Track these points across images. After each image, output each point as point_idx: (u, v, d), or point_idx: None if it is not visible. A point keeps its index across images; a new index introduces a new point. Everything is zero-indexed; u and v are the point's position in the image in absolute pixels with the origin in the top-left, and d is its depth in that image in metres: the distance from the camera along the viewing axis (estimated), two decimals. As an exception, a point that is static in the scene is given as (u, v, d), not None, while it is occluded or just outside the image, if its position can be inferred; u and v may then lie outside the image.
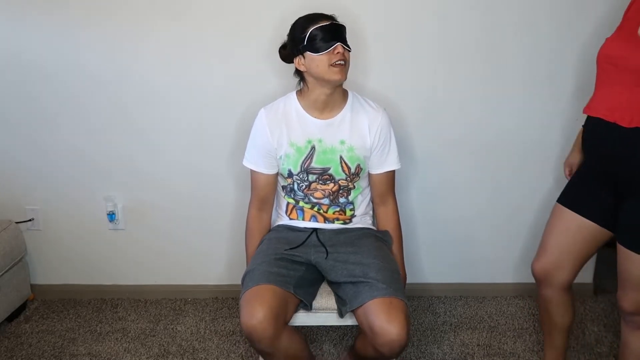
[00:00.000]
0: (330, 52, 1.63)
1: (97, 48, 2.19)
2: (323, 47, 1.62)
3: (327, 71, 1.64)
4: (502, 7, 2.09)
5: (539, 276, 1.75)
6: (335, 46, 1.62)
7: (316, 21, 1.64)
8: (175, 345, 2.19)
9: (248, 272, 1.66)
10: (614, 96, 1.49)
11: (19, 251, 2.34)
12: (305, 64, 1.67)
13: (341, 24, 1.67)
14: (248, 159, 1.82)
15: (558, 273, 1.71)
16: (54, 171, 2.36)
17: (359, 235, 1.79)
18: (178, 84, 2.22)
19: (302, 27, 1.66)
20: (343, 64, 1.65)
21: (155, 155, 2.33)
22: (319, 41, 1.62)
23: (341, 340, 2.20)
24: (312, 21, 1.65)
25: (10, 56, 2.21)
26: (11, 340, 2.23)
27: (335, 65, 1.63)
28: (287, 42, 1.74)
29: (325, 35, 1.62)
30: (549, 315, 1.80)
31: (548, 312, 1.79)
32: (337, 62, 1.63)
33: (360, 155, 1.76)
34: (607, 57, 1.51)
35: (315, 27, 1.63)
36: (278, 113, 1.77)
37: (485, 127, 2.26)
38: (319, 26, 1.63)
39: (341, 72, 1.65)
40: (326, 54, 1.62)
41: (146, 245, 2.46)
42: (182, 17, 2.14)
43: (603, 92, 1.53)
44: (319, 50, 1.63)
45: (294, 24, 1.71)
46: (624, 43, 1.49)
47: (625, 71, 1.45)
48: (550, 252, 1.71)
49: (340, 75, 1.65)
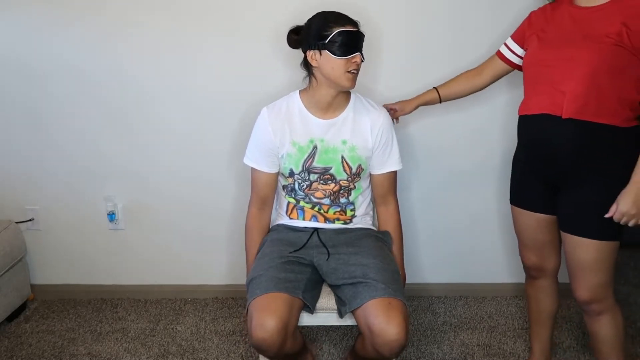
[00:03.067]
0: (349, 59, 1.63)
1: (97, 47, 2.19)
2: (344, 52, 1.62)
3: (341, 76, 1.65)
4: (513, 15, 2.06)
5: (533, 267, 1.83)
6: (355, 55, 1.63)
7: (343, 23, 1.63)
8: (175, 345, 2.19)
9: (255, 278, 1.63)
10: (548, 93, 1.54)
11: (19, 251, 2.34)
12: (320, 61, 1.66)
13: (363, 33, 1.67)
14: (249, 157, 1.81)
15: (546, 262, 1.80)
16: (54, 171, 2.36)
17: (360, 236, 1.79)
18: (179, 84, 2.23)
19: (327, 24, 1.63)
20: (356, 73, 1.66)
21: (156, 155, 2.33)
22: (342, 45, 1.61)
23: (341, 340, 2.20)
24: (338, 21, 1.63)
25: (9, 56, 2.21)
26: (11, 340, 2.23)
27: (350, 72, 1.65)
28: (304, 30, 1.71)
29: (349, 41, 1.62)
30: (538, 305, 1.88)
31: (537, 301, 1.87)
32: (352, 70, 1.64)
33: (362, 155, 1.76)
34: (542, 61, 1.58)
35: (342, 30, 1.61)
36: (281, 112, 1.76)
37: (487, 128, 2.26)
38: (346, 30, 1.62)
39: (353, 79, 1.67)
40: (345, 59, 1.63)
41: (146, 245, 2.46)
42: (182, 16, 2.14)
43: (538, 90, 1.59)
44: (339, 55, 1.62)
45: (318, 16, 1.68)
46: (553, 49, 1.56)
47: (557, 69, 1.53)
48: (530, 246, 1.80)
49: (352, 82, 1.67)
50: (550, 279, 1.84)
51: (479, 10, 2.12)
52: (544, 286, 1.85)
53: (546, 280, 1.84)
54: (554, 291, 1.86)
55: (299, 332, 1.69)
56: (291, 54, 2.04)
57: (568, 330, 2.25)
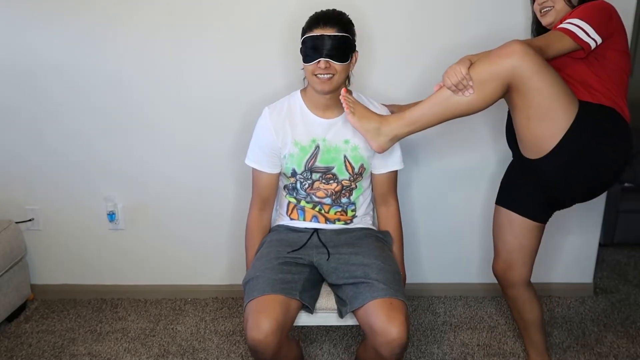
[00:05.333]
0: (315, 63, 1.62)
1: (97, 47, 2.19)
2: (308, 58, 1.63)
3: (311, 79, 1.66)
4: (510, 9, 2.09)
5: (499, 277, 1.86)
6: (318, 61, 1.61)
7: (313, 28, 1.62)
8: (175, 345, 2.18)
9: (251, 279, 1.63)
10: None
11: (19, 251, 2.33)
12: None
13: (336, 35, 1.60)
14: (251, 158, 1.81)
15: (512, 272, 1.82)
16: (54, 171, 2.36)
17: (360, 236, 1.79)
18: (179, 84, 2.22)
19: (305, 29, 1.66)
20: (326, 78, 1.63)
21: (156, 155, 2.33)
22: (308, 50, 1.62)
23: (341, 340, 2.20)
24: (312, 26, 1.63)
25: (9, 57, 2.21)
26: (11, 340, 2.23)
27: (317, 76, 1.64)
28: None
29: (313, 47, 1.61)
30: (519, 314, 1.90)
31: (518, 310, 1.90)
32: (318, 75, 1.63)
33: (364, 155, 1.76)
34: None
35: (308, 36, 1.62)
36: (282, 112, 1.76)
37: (488, 127, 2.26)
38: (311, 36, 1.62)
39: (323, 83, 1.64)
40: (311, 65, 1.63)
41: (146, 245, 2.46)
42: (181, 16, 2.13)
43: None
44: (305, 61, 1.64)
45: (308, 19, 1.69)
46: None
47: None
48: (500, 254, 1.83)
49: (322, 86, 1.65)
50: (520, 289, 1.84)
51: (479, 10, 2.12)
52: (517, 295, 1.85)
53: (515, 290, 1.84)
54: (530, 299, 1.86)
55: (295, 340, 1.70)
56: (291, 53, 2.05)
57: (568, 330, 2.25)
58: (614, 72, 1.57)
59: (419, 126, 1.60)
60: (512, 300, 1.88)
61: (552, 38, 1.50)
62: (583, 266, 2.47)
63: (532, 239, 1.77)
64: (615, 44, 1.55)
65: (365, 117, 1.61)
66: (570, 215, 2.34)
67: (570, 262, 2.46)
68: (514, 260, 1.80)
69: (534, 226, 1.76)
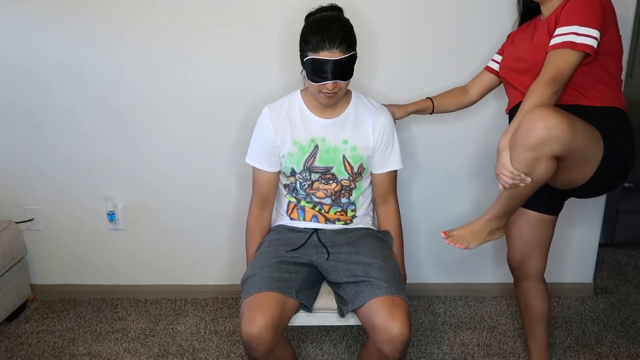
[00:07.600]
0: (321, 85, 1.61)
1: (98, 47, 2.19)
2: (315, 79, 1.60)
3: (317, 94, 1.66)
4: (510, 9, 2.09)
5: (515, 268, 1.87)
6: (326, 83, 1.60)
7: (318, 50, 1.55)
8: (175, 345, 2.19)
9: (249, 277, 1.64)
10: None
11: (19, 251, 2.33)
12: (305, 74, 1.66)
13: (342, 59, 1.56)
14: (251, 157, 1.82)
15: (529, 264, 1.83)
16: (54, 171, 2.36)
17: (360, 236, 1.79)
18: (179, 84, 2.22)
19: (305, 45, 1.59)
20: (332, 94, 1.63)
21: (156, 155, 2.33)
22: (314, 71, 1.59)
23: (341, 340, 2.20)
24: (317, 46, 1.56)
25: (10, 57, 2.21)
26: (11, 340, 2.23)
27: (323, 93, 1.63)
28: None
29: (320, 69, 1.57)
30: (528, 307, 1.90)
31: (527, 303, 1.89)
32: (325, 92, 1.63)
33: (363, 155, 1.76)
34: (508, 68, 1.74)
35: (313, 59, 1.57)
36: (282, 111, 1.77)
37: (488, 127, 2.26)
38: (316, 59, 1.56)
39: (329, 98, 1.65)
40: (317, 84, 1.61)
41: (146, 245, 2.46)
42: (181, 16, 2.14)
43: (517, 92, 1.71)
44: (311, 80, 1.61)
45: (304, 28, 1.64)
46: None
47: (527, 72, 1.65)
48: (515, 246, 1.84)
49: (327, 101, 1.66)
50: (534, 282, 1.86)
51: (479, 12, 2.12)
52: (529, 288, 1.87)
53: (528, 283, 1.86)
54: (542, 292, 1.87)
55: (290, 344, 1.71)
56: (291, 53, 2.05)
57: (568, 330, 2.25)
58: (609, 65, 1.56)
59: (510, 213, 1.65)
60: (524, 293, 1.88)
61: (555, 61, 1.49)
62: (583, 266, 2.47)
63: (547, 231, 1.80)
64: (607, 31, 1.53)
65: (473, 235, 1.63)
66: (570, 215, 2.34)
67: (570, 262, 2.46)
68: (530, 252, 1.81)
69: (549, 219, 1.79)
